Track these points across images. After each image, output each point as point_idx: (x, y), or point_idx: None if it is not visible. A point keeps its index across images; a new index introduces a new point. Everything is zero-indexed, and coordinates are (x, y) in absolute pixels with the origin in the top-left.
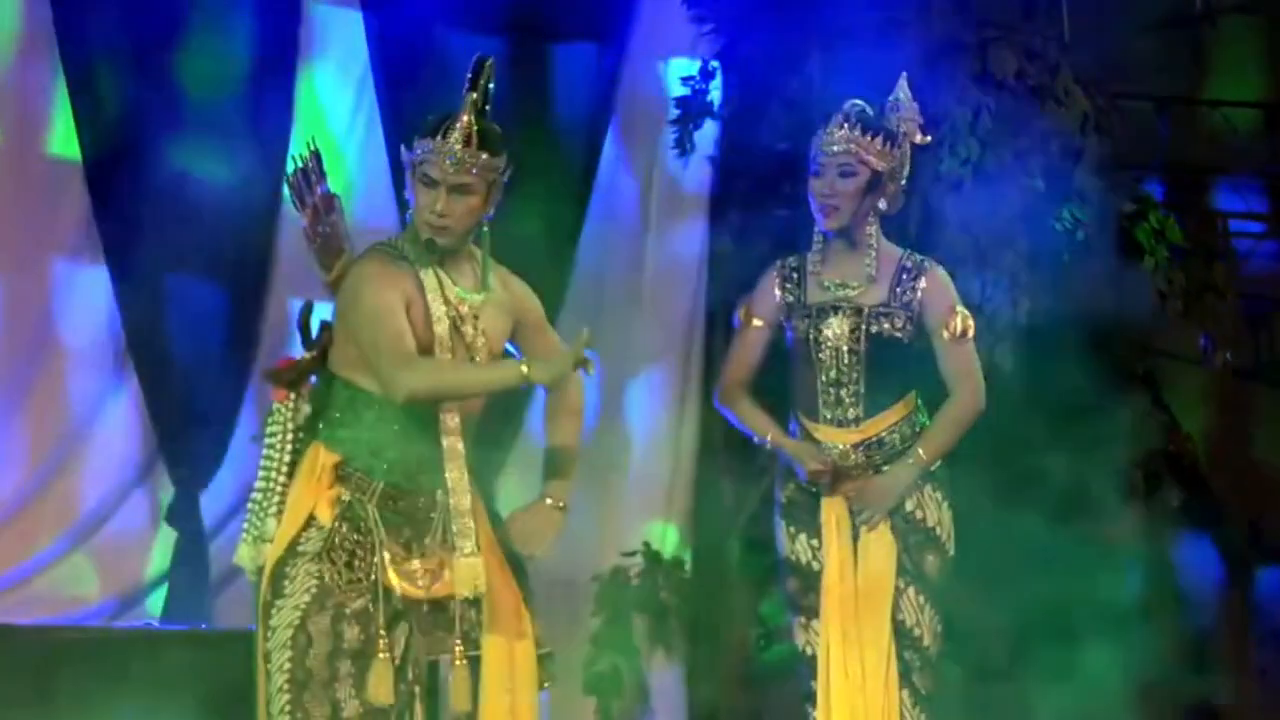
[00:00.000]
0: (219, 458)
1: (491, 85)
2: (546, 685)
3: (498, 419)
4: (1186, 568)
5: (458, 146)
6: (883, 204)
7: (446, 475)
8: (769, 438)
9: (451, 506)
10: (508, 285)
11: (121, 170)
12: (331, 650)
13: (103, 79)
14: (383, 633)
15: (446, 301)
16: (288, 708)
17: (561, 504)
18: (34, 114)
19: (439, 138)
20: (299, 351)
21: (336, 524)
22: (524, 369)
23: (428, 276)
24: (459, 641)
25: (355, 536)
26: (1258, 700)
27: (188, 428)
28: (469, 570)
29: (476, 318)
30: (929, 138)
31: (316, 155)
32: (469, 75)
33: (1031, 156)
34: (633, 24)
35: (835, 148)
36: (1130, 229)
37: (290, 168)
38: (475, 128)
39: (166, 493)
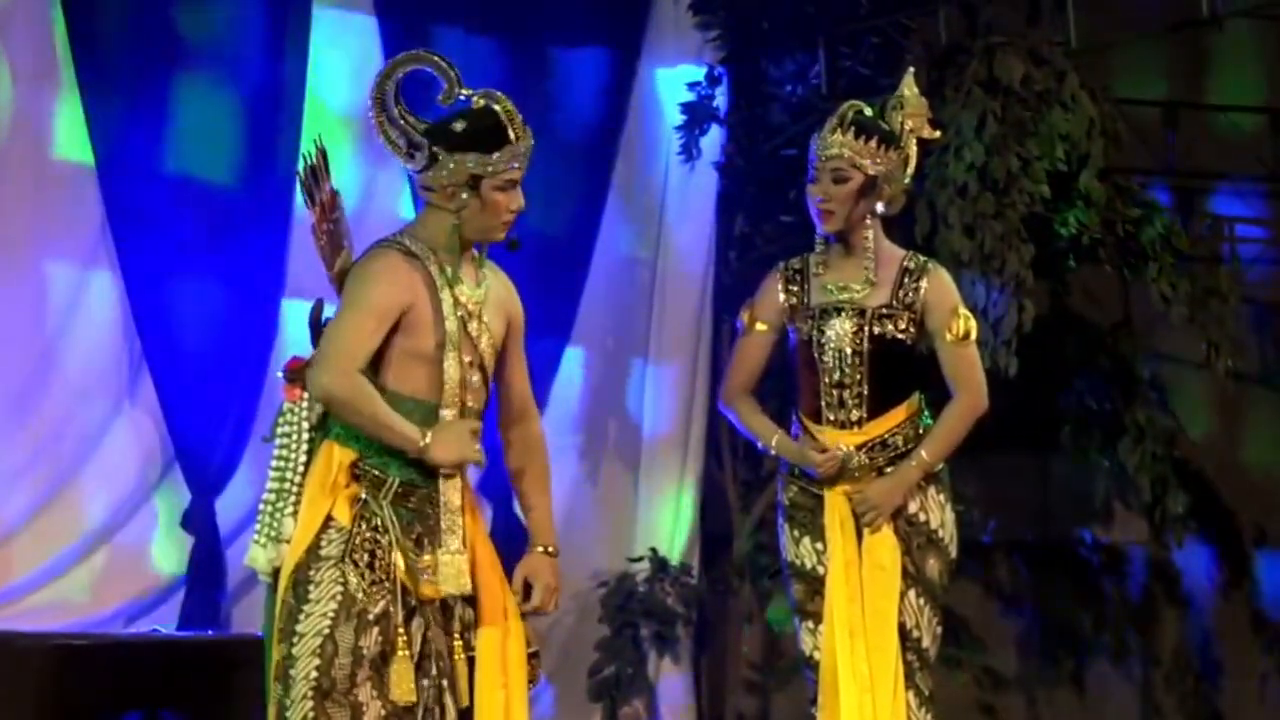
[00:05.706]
0: (234, 463)
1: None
2: (533, 683)
3: None
4: (1191, 572)
5: (527, 141)
6: (880, 206)
7: (440, 472)
8: (773, 443)
9: (442, 504)
10: (501, 280)
11: (133, 174)
12: (356, 659)
13: (114, 81)
14: (400, 630)
15: (455, 299)
16: (310, 715)
17: (552, 549)
18: (46, 117)
19: (515, 141)
20: (310, 351)
21: (356, 524)
22: (422, 442)
23: (438, 275)
24: (459, 639)
25: (373, 535)
26: (1261, 705)
27: (203, 433)
28: (454, 568)
29: (480, 314)
30: (938, 132)
31: (323, 153)
32: (451, 71)
33: (1036, 161)
34: (642, 31)
35: (829, 152)
36: (1135, 234)
37: (301, 166)
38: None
39: (181, 499)
